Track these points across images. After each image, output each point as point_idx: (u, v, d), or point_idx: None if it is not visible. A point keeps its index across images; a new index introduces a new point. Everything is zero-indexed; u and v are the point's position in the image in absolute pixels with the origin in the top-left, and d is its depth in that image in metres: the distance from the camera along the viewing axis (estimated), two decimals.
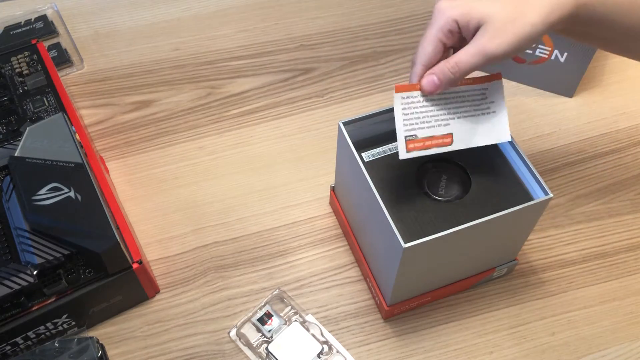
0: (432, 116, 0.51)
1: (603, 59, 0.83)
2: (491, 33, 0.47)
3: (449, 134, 0.51)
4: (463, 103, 0.52)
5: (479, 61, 0.48)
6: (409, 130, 0.50)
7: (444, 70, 0.49)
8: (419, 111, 0.51)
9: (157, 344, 0.60)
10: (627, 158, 0.74)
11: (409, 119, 0.50)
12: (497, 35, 0.47)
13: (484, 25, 0.47)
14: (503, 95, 0.53)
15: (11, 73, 0.71)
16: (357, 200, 0.59)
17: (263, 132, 0.76)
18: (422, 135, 0.51)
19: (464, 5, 0.48)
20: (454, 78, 0.49)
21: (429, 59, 0.50)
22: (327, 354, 0.59)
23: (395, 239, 0.49)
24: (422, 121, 0.51)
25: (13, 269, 0.53)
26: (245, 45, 0.85)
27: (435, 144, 0.51)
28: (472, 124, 0.52)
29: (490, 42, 0.47)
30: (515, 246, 0.60)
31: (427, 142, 0.51)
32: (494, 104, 0.53)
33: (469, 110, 0.52)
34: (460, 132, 0.52)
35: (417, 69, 0.50)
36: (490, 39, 0.47)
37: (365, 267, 0.62)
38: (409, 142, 0.50)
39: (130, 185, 0.71)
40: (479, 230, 0.50)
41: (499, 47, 0.47)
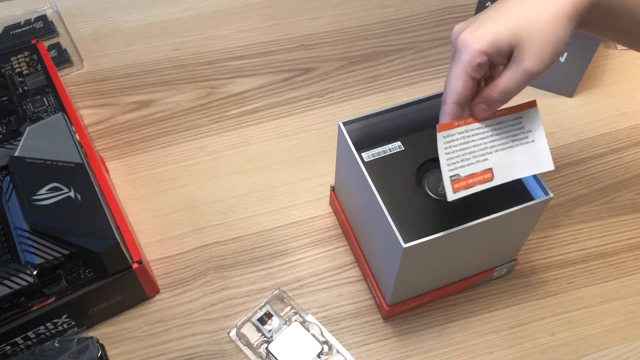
0: (470, 153, 0.49)
1: (603, 59, 0.83)
2: (530, 54, 0.45)
3: (489, 169, 0.50)
4: (500, 135, 0.50)
5: (524, 84, 0.47)
6: (452, 170, 0.48)
7: (491, 98, 0.48)
8: (458, 149, 0.49)
9: (157, 344, 0.60)
10: (627, 158, 0.74)
11: (451, 158, 0.49)
12: (536, 54, 0.45)
13: (518, 47, 0.46)
14: (540, 123, 0.51)
15: (11, 73, 0.71)
16: (357, 200, 0.59)
17: (263, 132, 0.76)
18: (464, 173, 0.49)
19: (487, 34, 0.46)
20: (502, 103, 0.48)
21: (460, 97, 0.48)
22: (327, 354, 0.59)
23: (395, 239, 0.49)
24: (462, 159, 0.49)
25: (13, 269, 0.53)
26: (245, 45, 0.85)
27: (477, 182, 0.49)
28: (511, 155, 0.50)
29: (532, 63, 0.45)
30: (515, 246, 0.60)
31: (469, 181, 0.49)
32: (531, 132, 0.51)
33: (506, 142, 0.50)
34: (500, 166, 0.50)
35: (449, 108, 0.49)
36: (530, 61, 0.45)
37: (365, 267, 0.62)
38: (454, 182, 0.48)
39: (130, 185, 0.71)
40: (479, 230, 0.50)
41: (542, 64, 0.46)
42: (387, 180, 0.55)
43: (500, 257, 0.60)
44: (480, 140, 0.50)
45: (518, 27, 0.46)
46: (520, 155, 0.50)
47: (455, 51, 0.48)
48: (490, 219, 0.50)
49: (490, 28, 0.46)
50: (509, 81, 0.47)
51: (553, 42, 0.45)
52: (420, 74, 0.81)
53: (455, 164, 0.49)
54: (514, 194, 0.54)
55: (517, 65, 0.46)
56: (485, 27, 0.46)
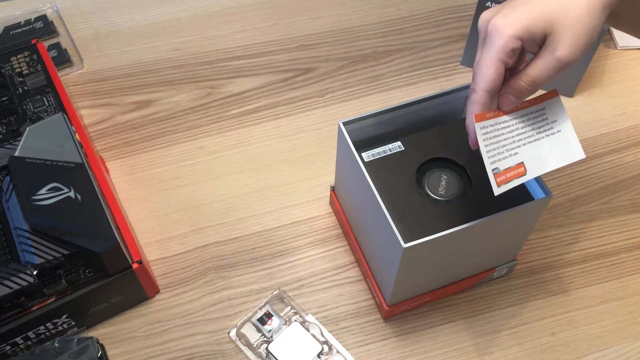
0: (502, 146, 0.48)
1: (603, 59, 0.83)
2: (563, 43, 0.44)
3: (521, 163, 0.48)
4: (525, 128, 0.49)
5: (555, 74, 0.46)
6: (493, 162, 0.47)
7: (520, 88, 0.47)
8: (493, 142, 0.48)
9: (157, 344, 0.60)
10: (627, 158, 0.74)
11: (490, 150, 0.47)
12: (570, 43, 0.44)
13: (552, 35, 0.44)
14: (564, 112, 0.50)
15: (11, 73, 0.71)
16: (357, 200, 0.59)
17: (263, 132, 0.76)
18: (502, 167, 0.48)
19: (521, 19, 0.44)
20: (530, 94, 0.47)
21: (492, 84, 0.46)
22: (327, 354, 0.59)
23: (395, 239, 0.49)
24: (497, 152, 0.48)
25: (13, 269, 0.53)
26: (245, 45, 0.85)
27: (513, 176, 0.48)
28: (539, 148, 0.49)
29: (565, 52, 0.44)
30: (516, 246, 0.60)
31: (507, 175, 0.48)
32: (556, 122, 0.50)
33: (532, 135, 0.49)
34: (530, 160, 0.48)
35: (479, 97, 0.47)
36: (563, 49, 0.44)
37: (365, 267, 0.62)
38: (496, 176, 0.47)
39: (130, 185, 0.71)
40: (479, 230, 0.50)
41: (575, 54, 0.44)
42: (387, 180, 0.55)
43: (501, 257, 0.60)
44: (509, 133, 0.49)
45: (552, 14, 0.44)
46: (549, 147, 0.49)
47: (485, 37, 0.46)
48: (490, 219, 0.50)
49: (524, 13, 0.44)
50: (540, 70, 0.45)
51: (587, 31, 0.44)
52: (420, 74, 0.81)
53: (494, 157, 0.47)
54: (514, 194, 0.54)
55: (550, 54, 0.45)
56: (519, 13, 0.45)
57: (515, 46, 0.45)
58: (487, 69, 0.46)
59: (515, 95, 0.47)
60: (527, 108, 0.49)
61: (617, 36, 0.85)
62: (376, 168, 0.56)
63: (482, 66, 0.46)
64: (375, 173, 0.54)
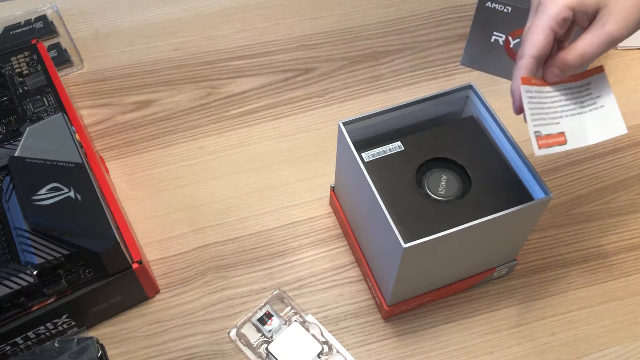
0: (545, 113, 0.49)
1: (603, 59, 0.83)
2: (615, 17, 0.44)
3: (562, 132, 0.49)
4: (569, 101, 0.50)
5: (605, 49, 0.45)
6: (536, 125, 0.48)
7: (567, 62, 0.46)
8: (537, 107, 0.49)
9: (157, 344, 0.60)
10: (627, 158, 0.74)
11: (533, 114, 0.48)
12: (621, 19, 0.44)
13: (603, 9, 0.44)
14: (609, 88, 0.50)
15: (11, 73, 0.71)
16: (357, 200, 0.59)
17: (263, 132, 0.76)
18: (544, 132, 0.48)
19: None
20: (577, 69, 0.47)
21: (540, 51, 0.46)
22: (327, 354, 0.59)
23: (395, 239, 0.49)
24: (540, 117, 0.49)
25: (13, 269, 0.53)
26: (245, 45, 0.85)
27: (554, 142, 0.48)
28: (582, 121, 0.49)
29: (616, 27, 0.44)
30: (516, 246, 0.60)
31: (549, 140, 0.48)
32: (600, 97, 0.50)
33: (576, 108, 0.50)
34: (572, 131, 0.49)
35: (526, 62, 0.47)
36: (615, 24, 0.44)
37: (365, 267, 0.62)
38: (538, 138, 0.48)
39: (130, 185, 0.71)
40: (479, 230, 0.50)
41: (626, 30, 0.44)
42: (387, 180, 0.55)
43: (501, 257, 0.60)
44: (552, 103, 0.49)
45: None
46: (591, 121, 0.50)
47: (539, 5, 0.46)
48: (490, 219, 0.50)
49: None
50: (589, 45, 0.45)
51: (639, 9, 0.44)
52: (420, 74, 0.81)
53: (537, 120, 0.48)
54: (514, 194, 0.54)
55: (601, 28, 0.44)
56: None
57: (567, 15, 0.45)
58: (537, 36, 0.46)
59: (560, 68, 0.47)
60: (572, 82, 0.50)
61: None
62: (376, 168, 0.56)
63: (532, 33, 0.46)
64: (375, 173, 0.54)
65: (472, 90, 0.59)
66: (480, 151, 0.56)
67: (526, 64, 0.47)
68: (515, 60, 0.48)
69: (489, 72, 0.82)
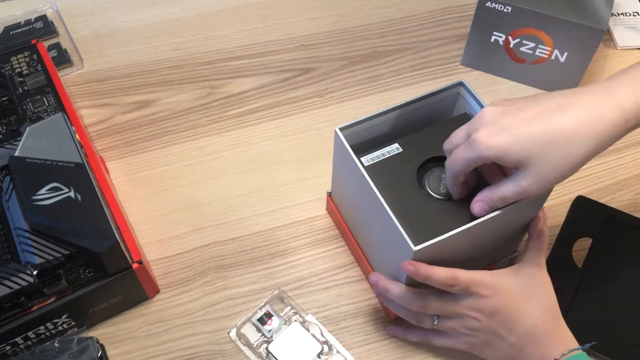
0: None
1: (603, 59, 0.83)
2: (533, 177, 0.46)
3: None
4: None
5: (521, 198, 0.49)
6: None
7: (492, 200, 0.49)
8: None
9: (157, 344, 0.60)
10: (627, 158, 0.74)
11: None
12: (537, 180, 0.46)
13: (524, 167, 0.46)
14: None
15: (11, 73, 0.71)
16: (358, 205, 0.59)
17: (263, 132, 0.76)
18: None
19: (500, 147, 0.46)
20: (500, 207, 0.50)
21: (460, 182, 0.51)
22: (327, 354, 0.59)
23: (405, 242, 0.49)
24: None
25: (13, 269, 0.53)
26: (245, 45, 0.85)
27: None
28: None
29: (533, 186, 0.47)
30: (517, 239, 0.60)
31: None
32: None
33: None
34: None
35: (456, 193, 0.53)
36: (531, 183, 0.46)
37: (367, 268, 0.61)
38: None
39: (130, 185, 0.71)
40: (485, 227, 0.50)
41: (540, 189, 0.47)
42: (388, 182, 0.55)
43: (503, 251, 0.60)
44: None
45: (533, 150, 0.46)
46: None
47: (469, 140, 0.48)
48: (496, 215, 0.50)
49: (506, 140, 0.46)
50: (508, 191, 0.48)
51: (562, 173, 0.46)
52: (420, 74, 0.81)
53: None
54: None
55: (517, 182, 0.47)
56: (502, 138, 0.46)
57: (483, 163, 0.48)
58: (458, 166, 0.49)
59: (487, 204, 0.50)
60: None
61: (617, 36, 0.85)
62: (376, 171, 0.55)
63: (455, 161, 0.49)
64: (375, 177, 0.54)
65: (463, 87, 0.59)
66: None
67: (457, 194, 0.53)
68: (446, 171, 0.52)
69: (489, 72, 0.82)
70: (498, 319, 0.50)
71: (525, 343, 0.50)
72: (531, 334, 0.50)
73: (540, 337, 0.50)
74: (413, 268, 0.49)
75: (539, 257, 0.53)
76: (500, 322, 0.50)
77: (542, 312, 0.50)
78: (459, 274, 0.50)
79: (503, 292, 0.50)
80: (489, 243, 0.56)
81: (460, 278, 0.50)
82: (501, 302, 0.50)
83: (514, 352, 0.51)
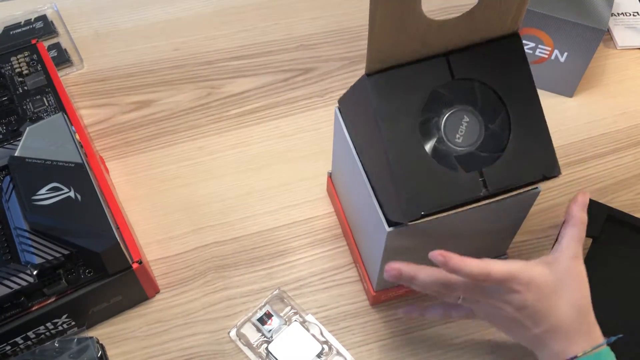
0: None
1: (603, 59, 0.83)
2: None
3: None
4: None
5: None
6: None
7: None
8: None
9: (157, 344, 0.60)
10: (627, 158, 0.74)
11: None
12: None
13: None
14: None
15: (11, 73, 0.71)
16: (349, 185, 0.59)
17: (263, 132, 0.76)
18: None
19: None
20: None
21: None
22: (327, 354, 0.59)
23: (380, 222, 0.49)
24: None
25: (13, 269, 0.53)
26: (245, 45, 0.85)
27: None
28: None
29: None
30: (505, 240, 0.60)
31: None
32: None
33: None
34: None
35: None
36: None
37: (356, 254, 0.62)
38: None
39: (130, 185, 0.71)
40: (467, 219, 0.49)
41: None
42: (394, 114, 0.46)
43: (488, 251, 0.60)
44: None
45: None
46: None
47: None
48: (478, 208, 0.48)
49: None
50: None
51: None
52: None
53: None
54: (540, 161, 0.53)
55: None
56: None
57: None
58: None
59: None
60: None
61: (617, 36, 0.85)
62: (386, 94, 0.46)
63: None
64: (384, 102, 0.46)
65: None
66: None
67: None
68: None
69: None
70: (526, 312, 0.48)
71: (548, 337, 0.48)
72: (557, 330, 0.48)
73: (566, 333, 0.48)
74: (442, 259, 0.46)
75: (577, 247, 0.50)
76: (528, 315, 0.48)
77: (572, 309, 0.48)
78: (492, 268, 0.47)
79: (536, 287, 0.48)
80: (473, 237, 0.55)
81: (493, 274, 0.47)
82: (532, 297, 0.48)
83: (534, 341, 0.50)
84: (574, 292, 0.49)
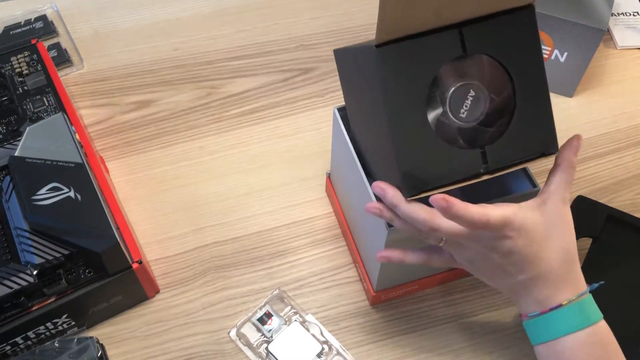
0: None
1: (603, 59, 0.83)
2: None
3: None
4: None
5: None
6: None
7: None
8: None
9: (157, 344, 0.60)
10: (627, 158, 0.74)
11: None
12: None
13: None
14: None
15: (11, 73, 0.71)
16: (349, 186, 0.59)
17: (263, 132, 0.76)
18: None
19: None
20: None
21: None
22: (327, 354, 0.59)
23: (380, 222, 0.49)
24: None
25: (13, 269, 0.53)
26: (245, 45, 0.85)
27: None
28: None
29: None
30: None
31: None
32: None
33: None
34: None
35: None
36: None
37: (355, 254, 0.62)
38: None
39: (130, 185, 0.71)
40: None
41: None
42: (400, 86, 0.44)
43: None
44: None
45: None
46: None
47: None
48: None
49: None
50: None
51: None
52: None
53: None
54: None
55: None
56: None
57: None
58: None
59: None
60: None
61: (617, 36, 0.85)
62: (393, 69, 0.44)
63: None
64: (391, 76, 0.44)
65: None
66: None
67: None
68: None
69: None
70: (513, 258, 0.47)
71: (533, 284, 0.48)
72: (543, 277, 0.47)
73: (552, 280, 0.47)
74: (445, 203, 0.43)
75: (565, 192, 0.48)
76: (514, 261, 0.47)
77: (559, 254, 0.47)
78: (490, 214, 0.44)
79: (527, 232, 0.46)
80: None
81: (491, 221, 0.44)
82: (522, 242, 0.46)
83: (517, 288, 0.49)
84: (562, 238, 0.48)
